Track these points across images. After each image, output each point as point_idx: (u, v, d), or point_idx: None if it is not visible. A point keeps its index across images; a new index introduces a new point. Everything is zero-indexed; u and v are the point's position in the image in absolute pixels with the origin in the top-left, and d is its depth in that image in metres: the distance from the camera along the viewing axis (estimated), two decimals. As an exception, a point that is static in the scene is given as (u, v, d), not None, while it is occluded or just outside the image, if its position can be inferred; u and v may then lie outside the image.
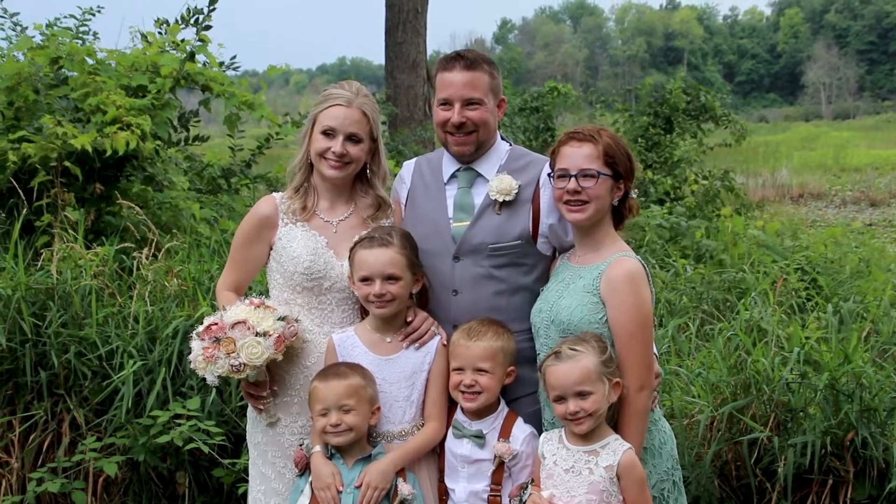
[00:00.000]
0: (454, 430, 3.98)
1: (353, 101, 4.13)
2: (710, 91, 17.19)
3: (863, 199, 24.94)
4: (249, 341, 3.85)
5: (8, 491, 6.08)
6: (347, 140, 4.10)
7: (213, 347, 3.86)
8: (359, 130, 4.13)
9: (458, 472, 3.96)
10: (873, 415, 5.57)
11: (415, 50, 17.37)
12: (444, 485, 4.01)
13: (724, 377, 5.89)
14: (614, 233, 3.97)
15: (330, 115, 4.12)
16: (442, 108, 4.13)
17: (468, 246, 4.09)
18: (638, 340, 3.78)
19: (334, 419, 3.80)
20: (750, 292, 7.82)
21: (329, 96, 4.17)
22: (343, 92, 4.16)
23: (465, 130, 4.09)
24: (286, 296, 4.15)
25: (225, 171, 9.71)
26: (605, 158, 3.84)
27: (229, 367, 3.86)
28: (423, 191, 4.27)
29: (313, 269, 4.07)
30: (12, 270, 6.51)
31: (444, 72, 4.14)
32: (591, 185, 3.83)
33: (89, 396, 6.17)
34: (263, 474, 4.17)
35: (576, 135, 3.91)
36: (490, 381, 3.90)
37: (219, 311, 4.05)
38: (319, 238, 4.13)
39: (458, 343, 3.95)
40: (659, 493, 3.89)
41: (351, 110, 4.12)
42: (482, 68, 4.09)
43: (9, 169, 7.43)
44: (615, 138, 3.91)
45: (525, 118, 18.69)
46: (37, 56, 8.19)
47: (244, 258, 4.23)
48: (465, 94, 4.07)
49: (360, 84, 4.27)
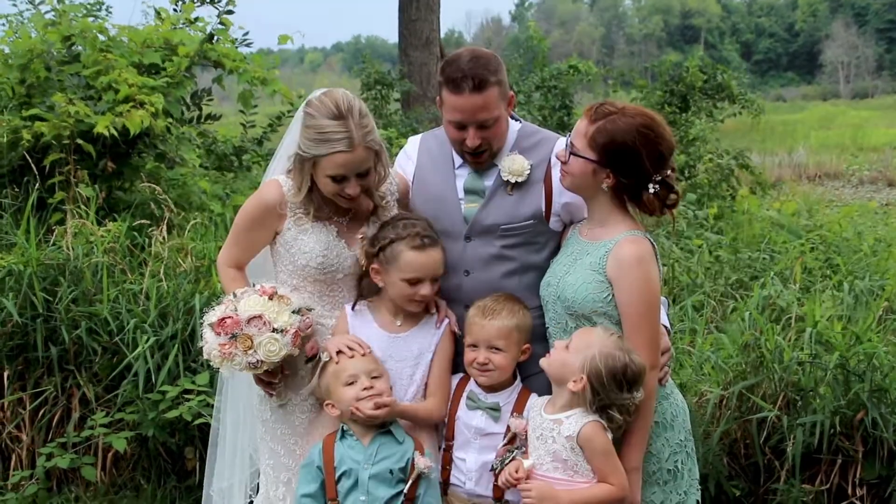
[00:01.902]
0: (468, 401, 3.95)
1: (356, 144, 3.79)
2: (726, 69, 17.08)
3: (880, 179, 24.74)
4: (267, 338, 3.80)
5: (18, 465, 6.13)
6: (357, 178, 3.87)
7: (230, 345, 3.80)
8: (366, 166, 3.87)
9: (469, 444, 3.95)
10: (884, 395, 5.55)
11: (428, 27, 17.32)
12: (448, 454, 3.98)
13: (734, 356, 5.88)
14: (621, 211, 3.86)
15: (334, 163, 3.80)
16: (455, 128, 3.97)
17: (480, 227, 4.05)
18: (646, 321, 3.75)
19: (367, 382, 3.77)
20: (770, 273, 7.78)
21: (328, 138, 3.79)
22: (341, 132, 3.78)
23: (481, 149, 3.99)
24: (295, 282, 4.08)
25: (237, 149, 9.71)
26: (590, 141, 3.72)
27: (247, 364, 3.83)
28: (431, 170, 4.20)
29: (326, 264, 4.01)
30: (24, 246, 6.54)
31: (452, 94, 3.89)
32: (567, 158, 3.79)
33: (99, 372, 6.20)
34: (272, 450, 4.15)
35: (591, 107, 3.82)
36: (503, 360, 3.88)
37: (228, 297, 3.96)
38: (330, 228, 4.04)
39: (472, 321, 3.93)
40: (673, 465, 3.89)
41: (356, 154, 3.81)
42: (490, 84, 3.86)
43: (22, 147, 7.46)
44: (628, 126, 3.70)
45: (542, 96, 18.59)
46: (49, 33, 8.19)
47: (248, 239, 4.13)
48: (478, 118, 3.90)
49: (349, 98, 3.88)
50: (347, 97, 3.88)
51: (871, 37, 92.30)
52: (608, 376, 3.56)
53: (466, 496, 3.95)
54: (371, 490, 3.74)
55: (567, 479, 3.63)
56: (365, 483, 3.74)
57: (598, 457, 3.60)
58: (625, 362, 3.57)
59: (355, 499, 3.75)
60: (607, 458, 3.61)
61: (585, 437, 3.59)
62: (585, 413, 3.62)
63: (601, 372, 3.56)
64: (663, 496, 3.88)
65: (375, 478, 3.75)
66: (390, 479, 3.76)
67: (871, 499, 5.53)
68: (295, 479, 4.03)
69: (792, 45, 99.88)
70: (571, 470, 3.62)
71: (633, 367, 3.58)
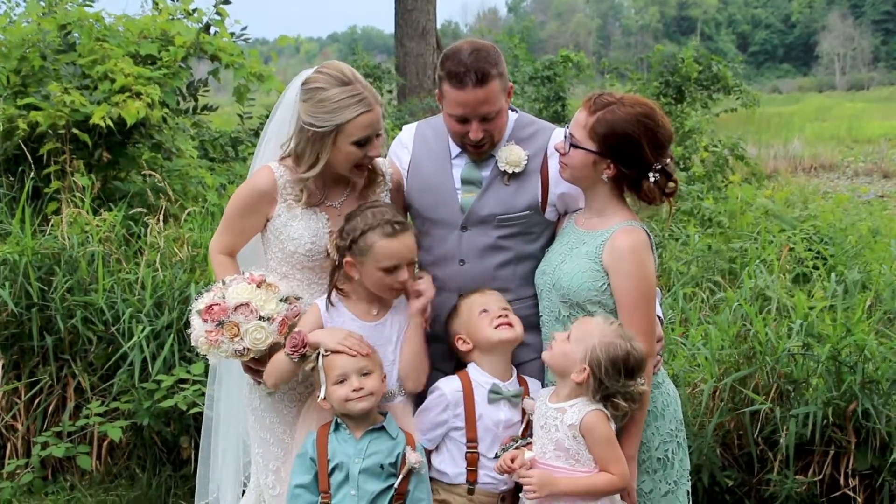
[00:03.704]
0: (491, 394, 3.90)
1: (373, 102, 3.86)
2: (721, 60, 17.08)
3: (875, 171, 24.77)
4: (253, 326, 3.80)
5: (13, 454, 6.15)
6: (377, 137, 3.90)
7: (217, 332, 3.81)
8: (383, 125, 3.94)
9: (497, 440, 3.91)
10: (875, 386, 5.57)
11: (424, 17, 17.29)
12: (474, 455, 3.92)
13: (726, 347, 5.90)
14: (619, 202, 3.90)
15: (359, 125, 3.82)
16: (457, 122, 3.96)
17: (476, 217, 4.05)
18: (642, 311, 3.77)
19: (356, 383, 3.73)
20: (753, 260, 7.80)
21: (347, 104, 3.82)
22: (357, 94, 3.83)
23: (483, 141, 3.99)
24: (285, 269, 4.08)
25: (233, 140, 9.71)
26: (590, 132, 3.74)
27: (233, 352, 3.83)
28: (427, 158, 4.19)
29: (314, 252, 4.00)
30: (19, 235, 6.54)
31: (454, 89, 3.87)
32: (566, 150, 3.81)
33: (94, 361, 6.21)
34: (262, 439, 4.16)
35: (589, 97, 3.84)
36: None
37: (217, 284, 3.97)
38: (320, 215, 4.03)
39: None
40: (663, 454, 3.91)
41: (375, 111, 3.86)
42: (492, 76, 3.85)
43: (17, 136, 7.45)
44: (627, 115, 3.73)
45: (536, 87, 18.59)
46: (44, 22, 8.18)
47: (240, 226, 4.13)
48: (481, 112, 3.89)
49: (348, 66, 3.95)
50: (343, 66, 3.95)
51: (867, 28, 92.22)
52: (610, 365, 3.57)
53: (497, 493, 3.93)
54: (361, 484, 3.73)
55: (569, 467, 3.64)
56: (355, 477, 3.74)
57: (600, 446, 3.61)
58: (627, 350, 3.58)
59: (346, 492, 3.75)
60: (609, 448, 3.62)
61: (587, 425, 3.60)
62: (589, 402, 3.63)
63: (603, 361, 3.57)
64: (652, 485, 3.90)
65: (366, 472, 3.74)
66: (381, 473, 3.75)
67: (863, 489, 5.55)
68: (284, 467, 4.05)
69: (788, 37, 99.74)
70: (573, 459, 3.64)
71: (635, 354, 3.59)
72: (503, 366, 3.98)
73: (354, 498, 3.73)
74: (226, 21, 8.94)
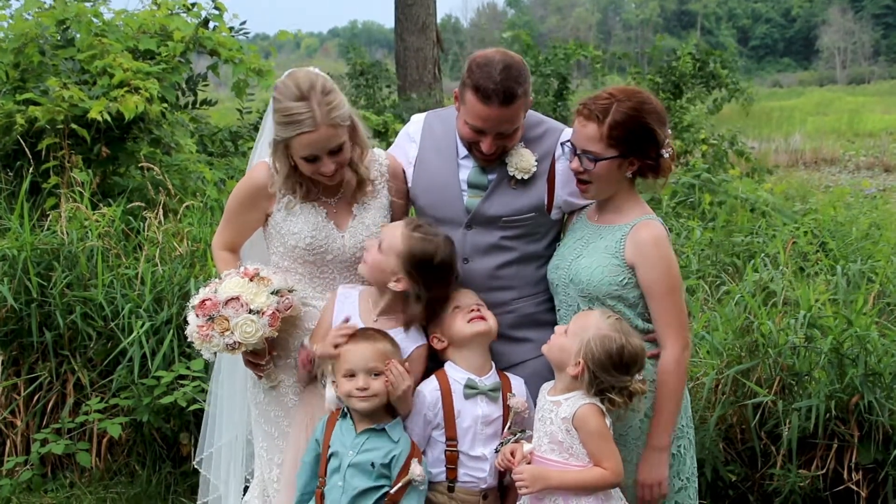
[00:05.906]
0: (467, 389, 3.87)
1: (318, 122, 3.75)
2: (720, 53, 17.08)
3: (876, 165, 24.74)
4: (243, 320, 3.79)
5: (13, 451, 6.13)
6: (330, 155, 3.83)
7: (208, 326, 3.81)
8: (336, 142, 3.82)
9: (477, 437, 3.88)
10: (878, 379, 5.54)
11: (424, 12, 17.24)
12: (453, 453, 3.89)
13: (728, 340, 5.88)
14: (635, 196, 3.92)
15: (301, 143, 3.78)
16: (472, 131, 3.90)
17: (481, 217, 4.04)
18: (674, 299, 3.78)
19: (361, 382, 3.71)
20: (759, 255, 7.78)
21: (293, 119, 3.76)
22: (304, 112, 3.74)
23: (494, 154, 3.96)
24: (287, 264, 4.08)
25: (232, 134, 9.69)
26: (608, 140, 3.72)
27: (224, 346, 3.82)
28: (435, 154, 4.16)
29: (315, 245, 3.99)
30: (18, 231, 6.52)
31: (479, 103, 3.80)
32: (591, 167, 3.77)
33: (94, 357, 6.19)
34: (266, 432, 4.15)
35: (583, 109, 3.80)
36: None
37: (214, 279, 3.98)
38: (319, 209, 4.02)
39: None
40: (676, 449, 3.91)
41: (320, 132, 3.76)
42: (518, 97, 3.80)
43: (16, 131, 7.44)
44: (631, 109, 3.73)
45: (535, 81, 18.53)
46: (43, 17, 8.16)
47: (240, 222, 4.14)
48: (501, 129, 3.87)
49: (311, 77, 3.82)
50: (309, 76, 3.84)
51: (868, 22, 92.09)
52: (605, 358, 3.55)
53: (478, 490, 3.90)
54: (348, 478, 3.72)
55: (562, 461, 3.62)
56: (344, 470, 3.73)
57: (593, 440, 3.58)
58: (621, 344, 3.55)
59: (335, 482, 3.74)
60: (601, 442, 3.59)
61: (580, 419, 3.58)
62: (584, 396, 3.61)
63: (597, 354, 3.55)
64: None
65: (355, 467, 3.72)
66: (370, 471, 3.72)
67: (866, 483, 5.53)
68: (288, 460, 4.05)
69: (788, 31, 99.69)
70: (567, 452, 3.61)
71: (629, 348, 3.56)
72: (480, 361, 3.93)
73: (340, 489, 3.72)
74: (225, 16, 8.94)
